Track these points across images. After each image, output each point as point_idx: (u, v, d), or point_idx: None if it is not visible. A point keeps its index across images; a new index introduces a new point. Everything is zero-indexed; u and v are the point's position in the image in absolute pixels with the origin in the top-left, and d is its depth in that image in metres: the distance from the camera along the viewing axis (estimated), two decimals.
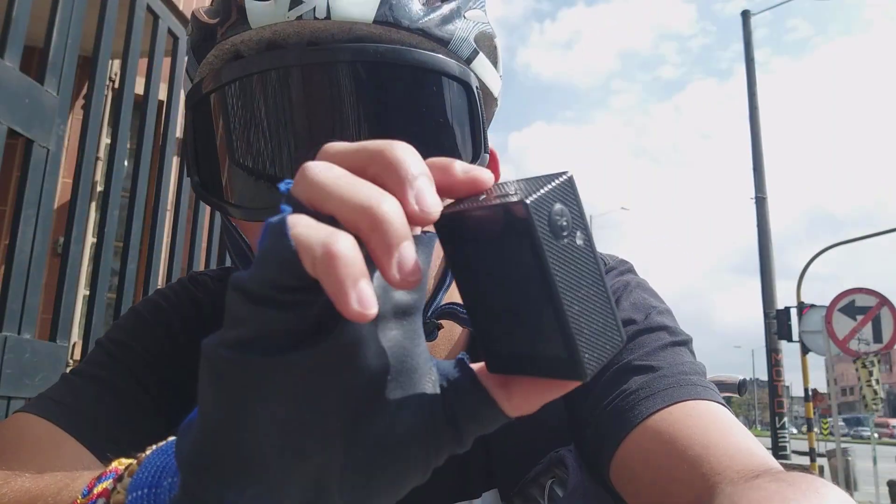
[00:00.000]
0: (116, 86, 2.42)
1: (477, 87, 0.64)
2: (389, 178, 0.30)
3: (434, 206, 0.30)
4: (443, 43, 0.63)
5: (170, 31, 2.26)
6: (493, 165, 0.71)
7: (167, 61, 2.29)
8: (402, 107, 0.61)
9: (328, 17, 0.58)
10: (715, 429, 0.56)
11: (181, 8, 2.73)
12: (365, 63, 0.59)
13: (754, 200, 11.22)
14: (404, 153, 0.31)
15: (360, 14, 0.59)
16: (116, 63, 3.53)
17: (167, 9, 2.25)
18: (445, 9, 0.63)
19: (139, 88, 2.06)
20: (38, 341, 1.58)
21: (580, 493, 0.64)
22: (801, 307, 9.83)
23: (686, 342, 0.68)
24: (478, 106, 0.64)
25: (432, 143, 0.61)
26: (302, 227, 0.29)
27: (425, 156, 0.59)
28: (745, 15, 12.07)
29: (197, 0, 3.03)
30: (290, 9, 0.58)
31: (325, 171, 0.30)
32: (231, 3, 0.62)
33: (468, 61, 0.65)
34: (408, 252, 0.28)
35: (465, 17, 0.65)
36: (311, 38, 0.60)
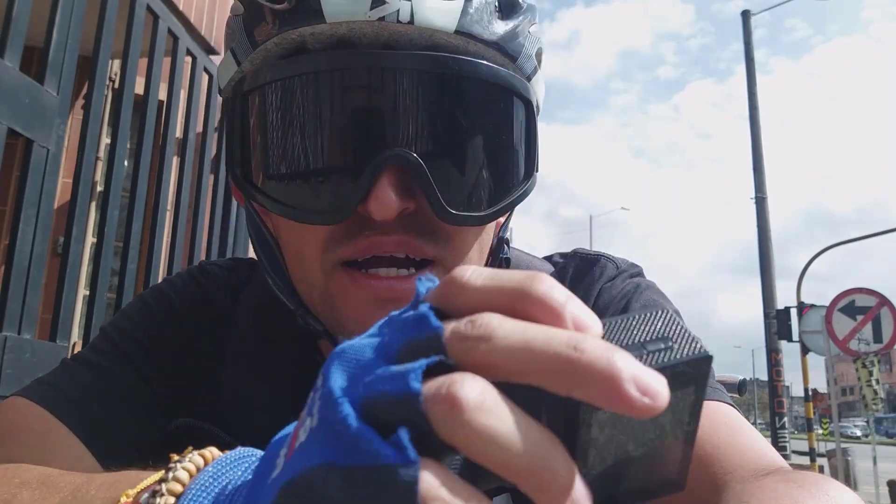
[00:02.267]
0: (116, 86, 2.42)
1: (536, 105, 0.63)
2: (542, 313, 0.28)
3: (595, 326, 0.28)
4: (512, 58, 0.62)
5: (170, 31, 2.26)
6: None
7: (167, 61, 2.29)
8: (473, 121, 0.59)
9: (411, 21, 0.56)
10: (724, 429, 0.56)
11: (181, 8, 2.73)
12: (442, 74, 0.57)
13: (754, 200, 11.22)
14: (550, 287, 0.28)
15: (442, 23, 0.57)
16: (116, 63, 3.53)
17: (167, 9, 2.25)
18: (516, 23, 0.62)
19: (139, 88, 2.06)
20: (38, 341, 1.58)
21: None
22: (801, 307, 9.83)
23: None
24: (536, 124, 0.64)
25: (497, 158, 0.61)
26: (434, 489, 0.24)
27: (489, 173, 0.60)
28: (745, 15, 12.06)
29: (197, 0, 3.03)
30: (371, 7, 0.56)
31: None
32: None
33: (529, 77, 0.64)
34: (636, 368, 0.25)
35: (529, 33, 0.64)
36: (388, 41, 0.57)
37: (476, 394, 0.24)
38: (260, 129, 0.61)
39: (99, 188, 3.27)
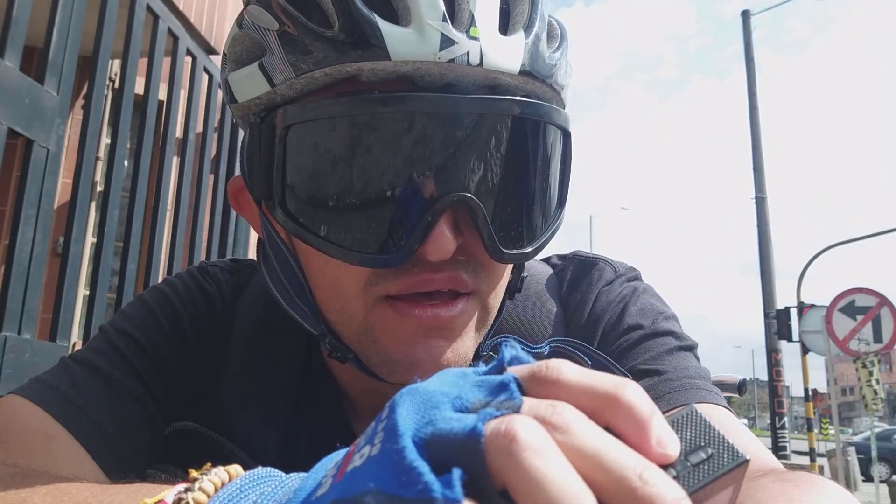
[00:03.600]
0: (116, 86, 2.42)
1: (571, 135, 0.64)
2: (628, 422, 0.29)
3: (674, 447, 0.29)
4: (560, 90, 0.62)
5: (170, 31, 2.26)
6: None
7: (167, 61, 2.29)
8: (528, 161, 0.59)
9: (481, 64, 0.55)
10: None
11: (181, 8, 2.73)
12: (505, 117, 0.57)
13: (754, 200, 11.22)
14: (639, 397, 0.29)
15: (508, 65, 0.56)
16: (116, 63, 3.53)
17: (167, 9, 2.25)
18: (559, 54, 0.62)
19: (139, 88, 2.06)
20: (38, 341, 1.58)
21: None
22: (801, 307, 9.83)
23: (692, 347, 0.69)
24: (571, 154, 0.64)
25: (543, 195, 0.61)
26: None
27: (537, 210, 0.61)
28: (745, 15, 12.07)
29: (197, 0, 3.03)
30: (440, 48, 0.53)
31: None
32: (360, 19, 0.54)
33: (564, 105, 0.64)
34: None
35: (568, 62, 0.64)
36: (450, 81, 0.56)
37: (533, 435, 0.26)
38: (308, 164, 0.57)
39: (99, 188, 3.27)
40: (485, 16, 0.56)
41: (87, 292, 2.19)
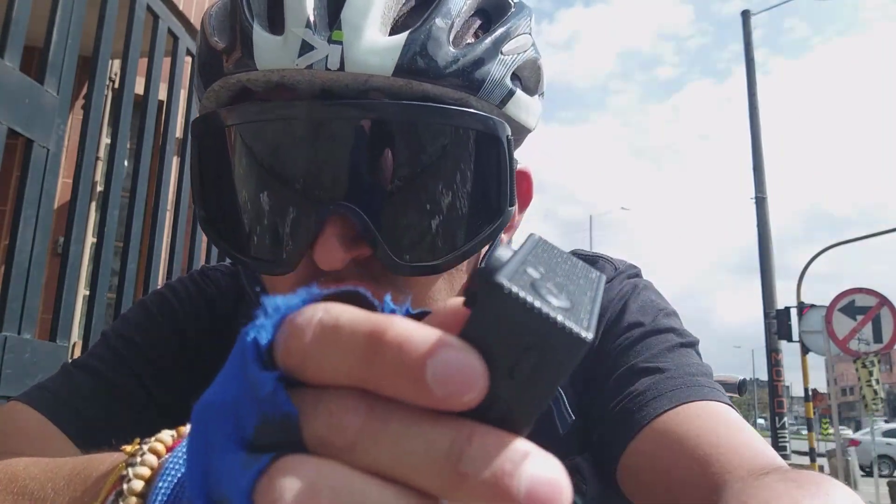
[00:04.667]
0: (116, 86, 2.42)
1: (508, 136, 0.58)
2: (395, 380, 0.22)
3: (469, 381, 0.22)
4: (473, 89, 0.57)
5: (170, 31, 2.26)
6: (525, 186, 0.69)
7: (167, 61, 2.29)
8: (421, 167, 0.55)
9: (341, 68, 0.53)
10: (723, 429, 0.56)
11: (181, 8, 2.73)
12: (381, 121, 0.54)
13: (754, 200, 11.22)
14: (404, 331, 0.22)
15: (378, 66, 0.53)
16: (116, 63, 3.53)
17: (167, 9, 2.25)
18: (479, 49, 0.57)
19: (139, 88, 2.06)
20: (38, 341, 1.58)
21: (599, 501, 0.64)
22: (801, 307, 9.83)
23: (693, 344, 0.69)
24: (506, 159, 0.58)
25: (452, 202, 0.57)
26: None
27: (445, 219, 0.57)
28: (745, 15, 12.07)
29: (197, 1, 3.03)
30: (299, 55, 0.53)
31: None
32: (237, 31, 0.56)
33: (502, 103, 0.59)
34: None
35: (502, 54, 0.59)
36: (322, 86, 0.55)
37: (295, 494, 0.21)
38: (213, 174, 0.60)
39: (99, 188, 3.27)
40: (356, 19, 0.54)
41: (87, 292, 2.19)
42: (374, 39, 0.54)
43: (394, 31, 0.56)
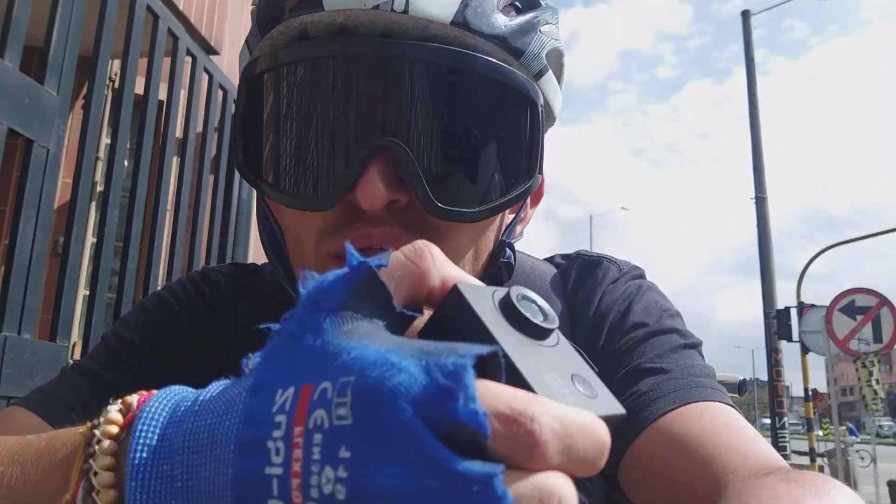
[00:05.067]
0: (116, 86, 2.42)
1: (541, 106, 0.62)
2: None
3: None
4: (516, 55, 0.61)
5: (170, 31, 2.26)
6: (539, 184, 0.69)
7: (167, 61, 2.29)
8: (467, 115, 0.58)
9: (405, 11, 0.56)
10: (725, 430, 0.57)
11: (181, 8, 2.73)
12: (436, 65, 0.57)
13: (754, 200, 11.22)
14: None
15: (438, 13, 0.56)
16: (116, 63, 3.53)
17: (167, 9, 2.25)
18: (523, 20, 0.61)
19: (139, 88, 2.06)
20: (38, 341, 1.58)
21: (603, 501, 0.64)
22: (801, 307, 9.82)
23: (697, 345, 0.69)
24: (539, 125, 0.62)
25: (493, 155, 0.60)
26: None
27: (482, 169, 0.60)
28: (745, 15, 12.06)
29: (197, 0, 3.03)
30: None
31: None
32: None
33: (537, 77, 0.63)
34: None
35: (540, 32, 0.63)
36: (384, 30, 0.57)
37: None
38: (259, 116, 0.61)
39: (99, 188, 3.27)
40: None
41: (87, 292, 2.19)
42: None
43: None
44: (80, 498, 0.32)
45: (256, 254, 3.06)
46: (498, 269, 0.68)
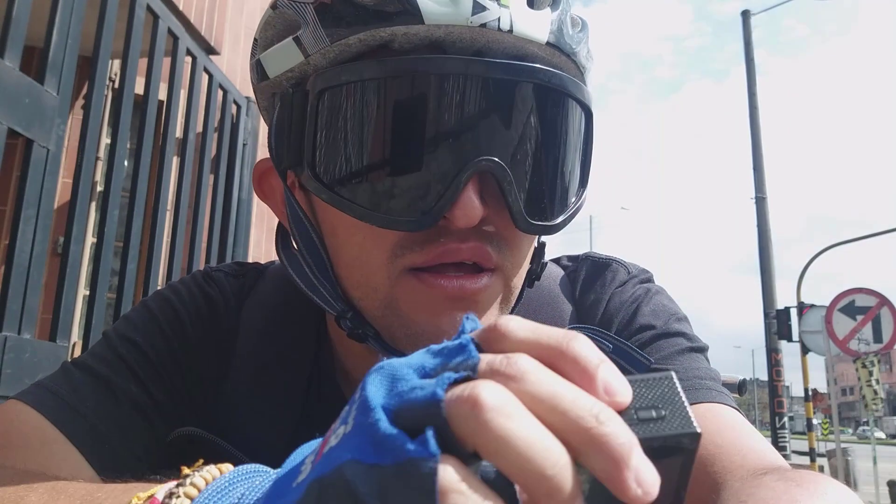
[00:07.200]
0: (116, 86, 2.42)
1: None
2: (576, 372, 0.29)
3: (623, 396, 0.29)
4: (583, 71, 0.63)
5: (170, 31, 2.26)
6: None
7: (167, 61, 2.29)
8: (556, 133, 0.60)
9: (511, 30, 0.56)
10: (727, 431, 0.57)
11: (181, 8, 2.73)
12: (538, 86, 0.57)
13: (754, 200, 11.21)
14: (586, 348, 0.30)
15: (537, 34, 0.57)
16: (116, 63, 3.53)
17: (167, 9, 2.25)
18: (585, 34, 0.63)
19: (139, 88, 2.06)
20: (38, 341, 1.58)
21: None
22: (801, 307, 9.83)
23: (703, 349, 0.70)
24: (593, 136, 0.64)
25: (567, 169, 0.62)
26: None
27: (560, 183, 0.62)
28: (745, 15, 12.06)
29: (197, 0, 3.02)
30: (472, 13, 0.55)
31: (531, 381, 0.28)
32: None
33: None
34: (641, 460, 0.26)
35: (590, 49, 0.65)
36: (480, 48, 0.57)
37: (497, 397, 0.26)
38: (338, 127, 0.57)
39: (99, 188, 3.27)
40: None
41: (87, 292, 2.19)
42: (528, 9, 0.58)
43: (529, 4, 0.59)
44: None
45: (256, 254, 3.06)
46: (538, 268, 0.69)
